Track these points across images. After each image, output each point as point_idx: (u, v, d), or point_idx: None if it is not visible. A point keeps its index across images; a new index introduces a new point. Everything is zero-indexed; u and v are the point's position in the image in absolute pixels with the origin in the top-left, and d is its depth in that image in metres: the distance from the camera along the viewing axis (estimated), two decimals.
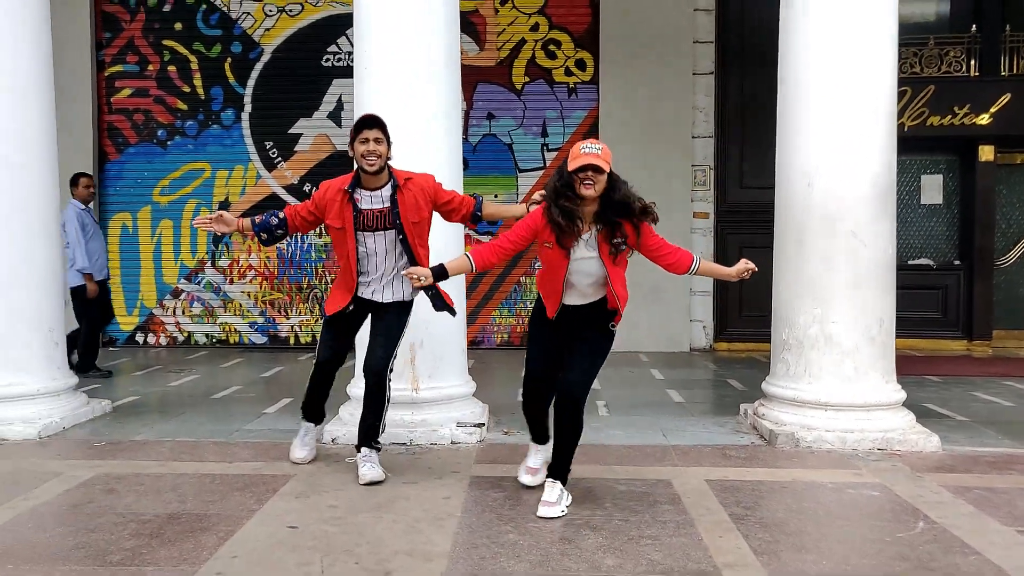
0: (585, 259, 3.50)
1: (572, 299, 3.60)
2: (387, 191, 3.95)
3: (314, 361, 4.25)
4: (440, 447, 4.66)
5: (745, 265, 3.63)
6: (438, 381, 4.83)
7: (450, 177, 4.85)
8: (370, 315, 4.16)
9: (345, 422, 4.83)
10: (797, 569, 2.93)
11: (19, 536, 3.29)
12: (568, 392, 3.52)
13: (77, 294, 6.83)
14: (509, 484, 3.94)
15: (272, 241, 4.18)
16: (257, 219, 4.12)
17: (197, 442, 4.83)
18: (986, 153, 8.80)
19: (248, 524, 3.42)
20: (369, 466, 3.98)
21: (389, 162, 3.96)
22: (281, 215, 4.12)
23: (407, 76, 4.69)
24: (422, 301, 4.48)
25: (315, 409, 4.39)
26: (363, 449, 4.06)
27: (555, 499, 3.53)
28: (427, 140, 4.71)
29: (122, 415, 5.61)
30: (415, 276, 3.61)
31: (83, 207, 6.92)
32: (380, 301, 4.05)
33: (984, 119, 8.54)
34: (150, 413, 5.70)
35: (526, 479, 3.89)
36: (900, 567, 2.96)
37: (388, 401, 4.08)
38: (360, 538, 3.26)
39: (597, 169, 3.35)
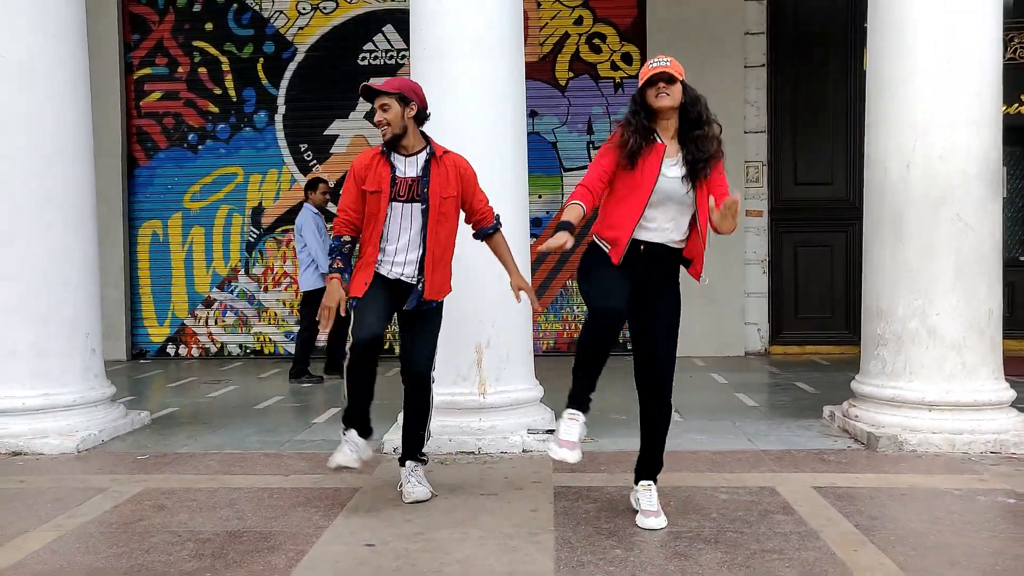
0: (673, 179, 3.06)
1: (645, 235, 3.09)
2: (423, 157, 3.52)
3: (349, 347, 3.53)
4: (511, 455, 4.31)
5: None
6: (505, 384, 4.48)
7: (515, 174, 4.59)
8: (397, 313, 3.61)
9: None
10: None
11: (67, 558, 2.96)
12: (662, 380, 3.15)
13: (311, 298, 6.71)
14: (598, 495, 3.58)
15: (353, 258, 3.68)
16: (336, 264, 3.54)
17: (246, 454, 4.50)
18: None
19: (319, 543, 3.07)
20: (414, 482, 3.58)
21: (418, 126, 3.52)
22: (345, 237, 3.58)
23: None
24: (487, 293, 4.14)
25: (360, 414, 3.63)
26: (408, 463, 3.65)
27: (657, 507, 3.19)
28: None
29: (162, 427, 5.29)
30: (549, 244, 2.98)
31: (317, 212, 6.91)
32: (403, 279, 3.52)
33: (1013, 109, 8.12)
34: (191, 425, 5.38)
35: (570, 455, 3.12)
36: None
37: (432, 403, 3.67)
38: (447, 557, 2.91)
39: (669, 79, 3.02)
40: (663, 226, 3.11)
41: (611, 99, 8.48)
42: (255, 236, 8.89)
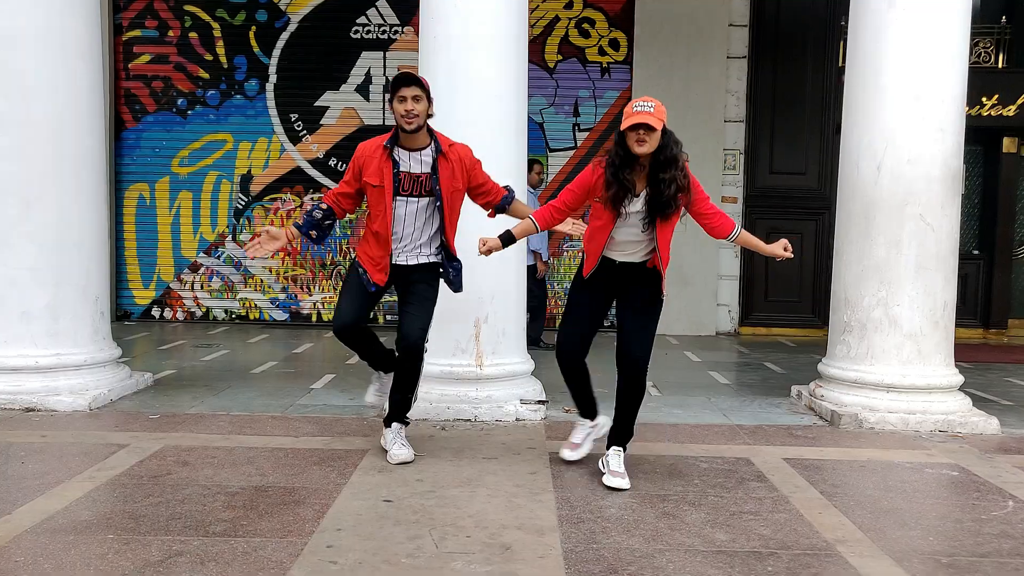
0: (634, 214, 3.47)
1: (614, 254, 3.58)
2: (428, 154, 3.74)
3: (332, 328, 3.92)
4: (505, 423, 4.63)
5: (784, 246, 3.64)
6: (501, 358, 4.79)
7: (516, 157, 4.83)
8: (397, 285, 3.90)
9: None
10: (908, 546, 2.94)
11: (110, 506, 3.22)
12: (635, 364, 3.55)
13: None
14: (589, 460, 3.91)
15: (323, 236, 3.89)
16: (300, 221, 3.86)
17: (254, 416, 4.76)
18: (1010, 145, 8.87)
19: (340, 498, 3.37)
20: (399, 444, 3.86)
21: (430, 121, 3.75)
22: (324, 205, 3.85)
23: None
24: (486, 272, 4.40)
25: (371, 360, 4.00)
26: (393, 424, 3.92)
27: (623, 469, 3.57)
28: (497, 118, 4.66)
29: (165, 388, 5.52)
30: (487, 247, 3.59)
31: (531, 191, 6.92)
32: (407, 263, 3.82)
33: (1011, 110, 8.60)
34: (193, 387, 5.60)
35: (568, 454, 3.88)
36: (1008, 544, 2.98)
37: (420, 374, 3.93)
38: (461, 511, 3.23)
39: (649, 127, 3.31)
40: (628, 249, 3.57)
41: (598, 83, 8.75)
42: (243, 203, 9.04)
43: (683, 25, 8.45)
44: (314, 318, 9.06)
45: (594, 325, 3.70)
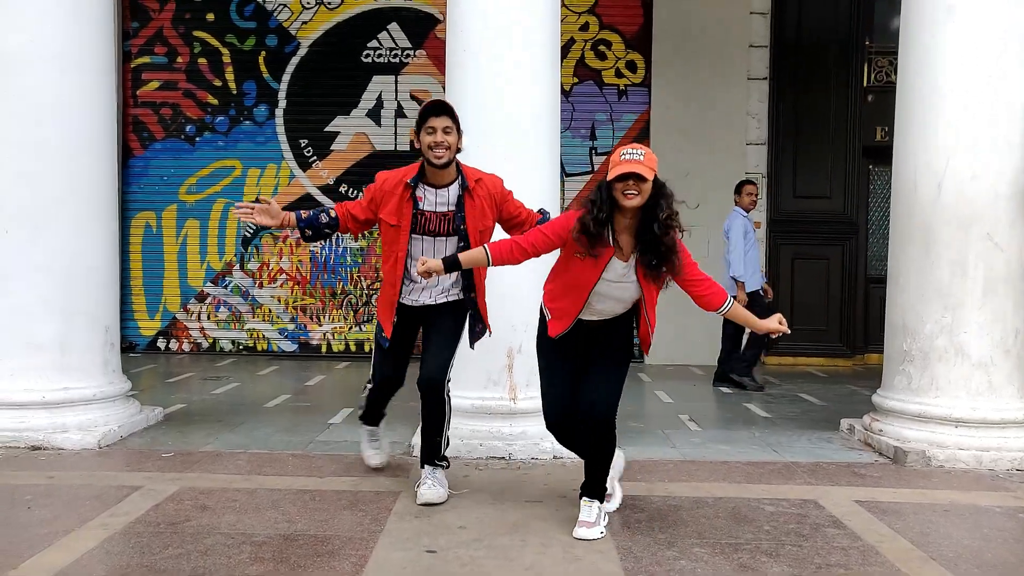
0: (619, 283, 3.13)
1: (589, 315, 3.22)
2: (454, 191, 3.51)
3: (368, 384, 3.86)
4: (542, 461, 4.31)
5: (779, 322, 3.19)
6: (535, 390, 4.42)
7: (550, 182, 4.60)
8: (422, 325, 3.73)
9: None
10: None
11: (125, 559, 2.89)
12: (600, 414, 3.17)
13: (755, 300, 6.63)
14: (644, 504, 3.60)
15: (316, 238, 3.71)
16: (304, 214, 3.67)
17: (273, 454, 4.44)
18: None
19: (378, 547, 3.05)
20: (428, 485, 3.58)
21: (458, 155, 3.52)
22: (333, 213, 3.63)
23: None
24: (517, 298, 4.15)
25: (376, 416, 4.03)
26: (426, 467, 3.66)
27: (593, 519, 3.22)
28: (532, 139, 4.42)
29: (177, 424, 5.19)
30: (424, 267, 3.20)
31: (745, 215, 6.75)
32: (428, 303, 3.63)
33: None
34: (205, 422, 5.27)
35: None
36: None
37: (449, 412, 3.68)
38: (514, 563, 2.91)
39: (639, 177, 2.95)
40: (604, 312, 3.21)
41: (615, 106, 8.54)
42: (251, 231, 8.76)
43: (702, 46, 8.25)
44: (323, 349, 8.74)
45: (575, 383, 3.30)
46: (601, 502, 3.29)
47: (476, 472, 4.11)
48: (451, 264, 3.24)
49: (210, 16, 8.69)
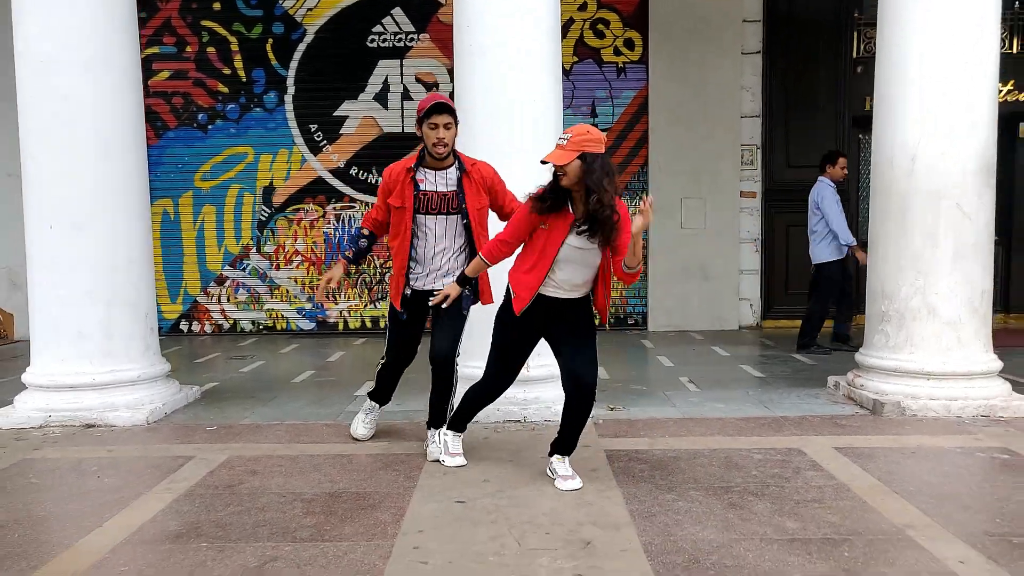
0: (581, 249, 3.41)
1: (554, 289, 3.52)
2: (453, 173, 3.93)
3: (382, 360, 4.27)
4: (554, 423, 4.69)
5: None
6: (548, 358, 4.79)
7: None
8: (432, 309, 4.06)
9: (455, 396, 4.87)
10: (977, 528, 3.04)
11: (194, 516, 3.32)
12: (589, 384, 3.53)
13: (824, 270, 6.91)
14: (646, 456, 4.02)
15: (364, 256, 4.25)
16: (349, 253, 4.18)
17: (307, 425, 4.86)
18: None
19: (413, 501, 3.47)
20: (435, 444, 4.04)
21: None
22: (366, 232, 4.16)
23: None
24: None
25: (385, 395, 4.46)
26: (431, 430, 4.10)
27: (572, 472, 3.65)
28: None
29: (213, 400, 5.62)
30: (441, 298, 3.72)
31: (832, 185, 6.94)
32: (436, 289, 3.97)
33: None
34: (239, 399, 5.70)
35: (450, 461, 3.93)
36: None
37: (456, 383, 4.09)
38: (534, 510, 3.33)
39: (559, 169, 3.32)
40: (565, 282, 3.50)
41: (614, 83, 8.84)
42: (266, 215, 9.13)
43: (697, 23, 8.55)
44: (340, 327, 9.15)
45: (523, 362, 3.79)
46: (569, 455, 3.70)
47: (495, 434, 4.53)
48: (463, 280, 3.74)
49: (216, 5, 8.96)
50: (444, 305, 3.77)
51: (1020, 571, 2.68)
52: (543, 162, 3.37)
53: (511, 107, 4.72)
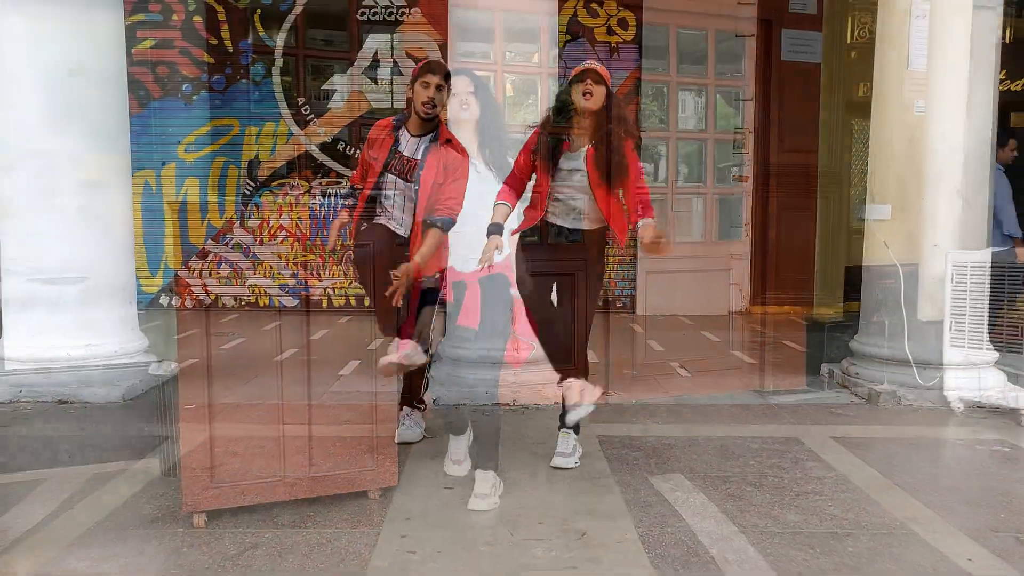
0: (571, 171, 3.39)
1: (557, 218, 3.49)
2: (424, 142, 3.69)
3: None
4: (545, 407, 4.61)
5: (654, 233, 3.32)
6: (537, 341, 4.76)
7: None
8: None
9: (442, 382, 4.74)
10: (980, 523, 2.96)
11: (171, 499, 3.20)
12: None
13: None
14: (639, 443, 3.92)
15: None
16: (343, 210, 4.00)
17: (290, 405, 4.68)
18: (1017, 120, 8.90)
19: (401, 485, 3.36)
20: (407, 426, 3.99)
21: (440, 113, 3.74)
22: (356, 186, 3.92)
23: None
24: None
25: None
26: (404, 408, 4.01)
27: (570, 450, 3.57)
28: None
29: (193, 378, 5.44)
30: (488, 256, 3.42)
31: (1001, 168, 6.32)
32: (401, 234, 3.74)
33: (1019, 84, 8.62)
34: (220, 376, 5.43)
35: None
36: None
37: (431, 361, 3.95)
38: (527, 497, 3.22)
39: (597, 76, 3.27)
40: (567, 210, 3.46)
41: (607, 62, 8.66)
42: (251, 189, 8.92)
43: (692, 4, 8.38)
44: (324, 304, 8.98)
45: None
46: (577, 434, 3.61)
47: (482, 417, 4.41)
48: (498, 230, 3.48)
49: None
50: (482, 262, 3.47)
51: None
52: (581, 72, 3.28)
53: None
